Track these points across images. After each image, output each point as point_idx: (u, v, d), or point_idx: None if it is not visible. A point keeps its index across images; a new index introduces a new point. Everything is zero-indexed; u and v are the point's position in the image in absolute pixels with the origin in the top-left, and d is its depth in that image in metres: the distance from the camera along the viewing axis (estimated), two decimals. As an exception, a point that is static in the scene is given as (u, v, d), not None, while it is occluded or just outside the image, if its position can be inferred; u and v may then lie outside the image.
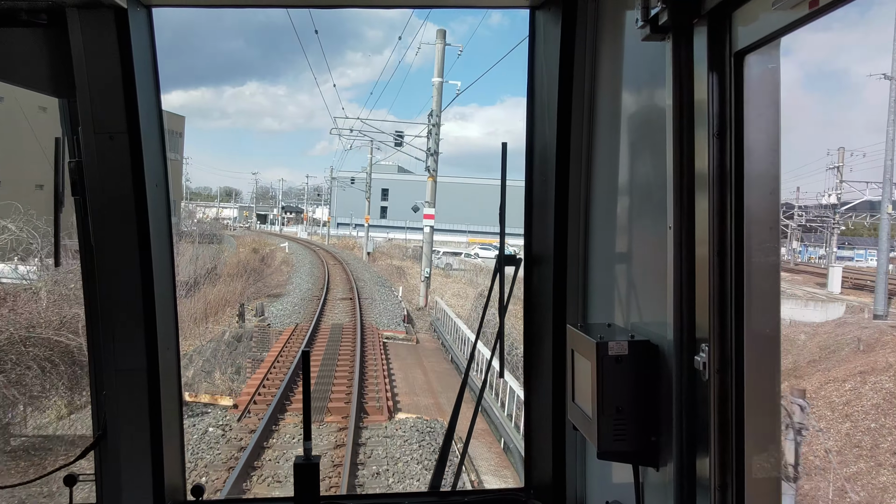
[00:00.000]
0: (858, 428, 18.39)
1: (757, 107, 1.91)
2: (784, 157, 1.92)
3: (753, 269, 1.94)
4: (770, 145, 1.93)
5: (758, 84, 1.90)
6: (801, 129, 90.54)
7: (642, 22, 2.08)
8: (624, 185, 2.64)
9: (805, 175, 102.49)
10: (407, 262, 61.25)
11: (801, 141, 76.31)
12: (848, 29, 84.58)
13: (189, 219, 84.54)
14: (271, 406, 14.51)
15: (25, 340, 15.54)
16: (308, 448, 2.82)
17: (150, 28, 2.84)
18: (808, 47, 75.75)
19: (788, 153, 11.56)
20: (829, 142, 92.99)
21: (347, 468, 11.35)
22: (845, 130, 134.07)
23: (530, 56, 3.15)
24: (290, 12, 24.32)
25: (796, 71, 59.08)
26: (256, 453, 12.20)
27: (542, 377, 3.14)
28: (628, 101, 2.60)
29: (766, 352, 1.99)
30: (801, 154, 61.57)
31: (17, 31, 2.66)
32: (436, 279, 42.52)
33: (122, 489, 2.95)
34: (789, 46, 8.21)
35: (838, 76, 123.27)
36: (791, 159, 45.83)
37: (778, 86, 1.91)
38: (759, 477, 1.98)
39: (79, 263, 2.96)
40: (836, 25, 71.86)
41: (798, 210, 59.34)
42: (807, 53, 79.14)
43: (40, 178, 22.48)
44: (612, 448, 2.29)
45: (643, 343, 2.29)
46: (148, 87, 2.81)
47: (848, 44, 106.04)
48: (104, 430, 2.94)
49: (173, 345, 3.08)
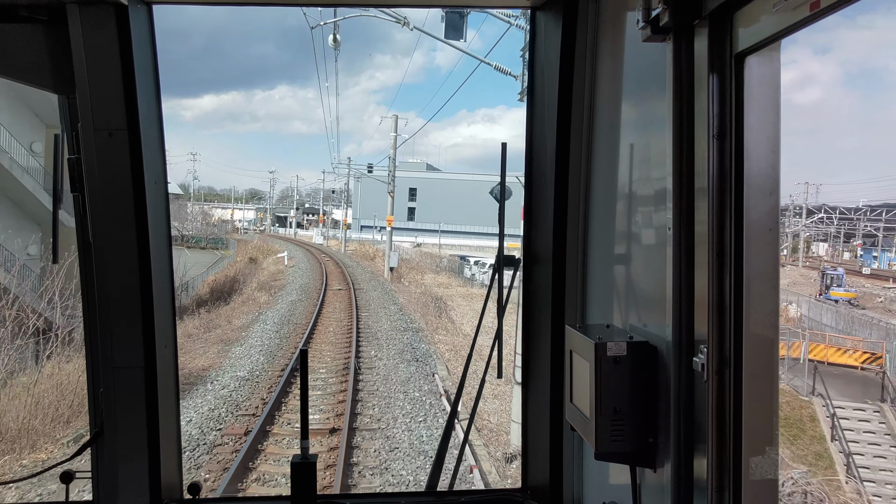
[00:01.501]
0: None
1: (757, 109, 1.91)
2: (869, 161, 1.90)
3: (753, 271, 1.94)
4: (770, 147, 1.92)
5: (758, 86, 1.90)
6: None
7: (643, 23, 2.08)
8: (623, 187, 2.64)
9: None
10: (442, 279, 47.67)
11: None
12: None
13: (191, 221, 79.84)
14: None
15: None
16: (305, 447, 2.82)
17: (150, 24, 2.84)
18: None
19: (871, 159, 10.86)
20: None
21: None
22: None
23: (531, 56, 3.15)
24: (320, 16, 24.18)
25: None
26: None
27: (539, 378, 3.14)
28: (628, 102, 2.60)
29: (765, 354, 1.99)
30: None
31: (17, 27, 2.66)
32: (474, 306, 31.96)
33: (119, 486, 2.95)
34: (830, 44, 7.76)
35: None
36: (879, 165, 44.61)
37: (779, 87, 1.91)
38: (756, 479, 1.98)
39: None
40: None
41: (861, 213, 58.56)
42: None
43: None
44: (610, 449, 2.29)
45: (642, 344, 2.29)
46: (148, 84, 2.81)
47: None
48: (101, 427, 2.93)
49: (171, 342, 3.07)
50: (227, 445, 12.65)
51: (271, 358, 19.71)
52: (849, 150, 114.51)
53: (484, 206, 70.34)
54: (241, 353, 20.53)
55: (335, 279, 42.22)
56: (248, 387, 16.61)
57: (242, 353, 20.53)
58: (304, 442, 2.83)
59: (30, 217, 26.66)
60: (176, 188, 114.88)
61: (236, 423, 13.82)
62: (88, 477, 3.04)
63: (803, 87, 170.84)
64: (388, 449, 12.68)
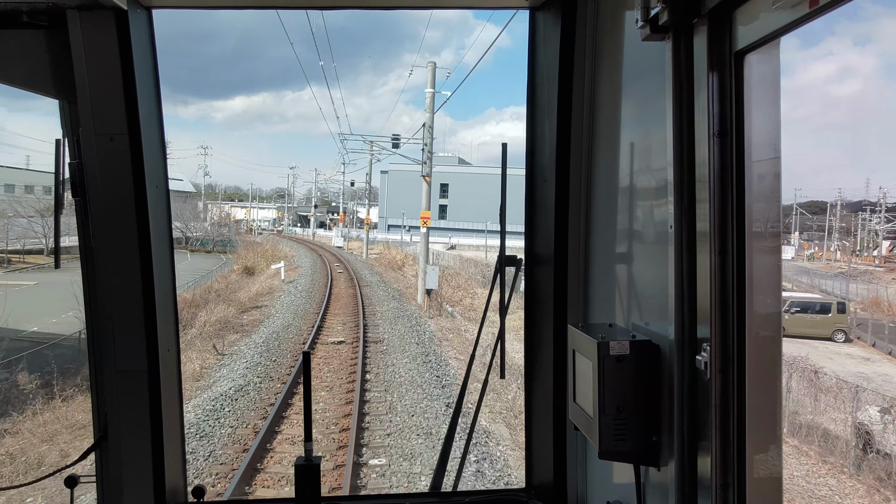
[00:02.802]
0: None
1: (757, 106, 1.91)
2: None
3: (755, 269, 1.94)
4: (771, 144, 1.93)
5: (759, 83, 1.91)
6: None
7: (642, 22, 2.08)
8: (624, 186, 2.64)
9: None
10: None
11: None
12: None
13: (199, 221, 67.96)
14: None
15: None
16: (309, 449, 2.82)
17: (150, 29, 2.84)
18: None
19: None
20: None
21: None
22: None
23: (530, 57, 3.15)
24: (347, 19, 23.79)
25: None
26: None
27: (542, 377, 3.14)
28: (628, 101, 2.60)
29: (768, 351, 1.99)
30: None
31: (18, 33, 2.66)
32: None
33: (123, 490, 2.95)
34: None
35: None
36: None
37: (778, 85, 1.91)
38: (760, 476, 1.98)
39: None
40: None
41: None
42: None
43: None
44: (614, 448, 2.29)
45: (644, 343, 2.29)
46: (148, 89, 2.82)
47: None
48: (105, 431, 2.94)
49: (174, 346, 3.08)
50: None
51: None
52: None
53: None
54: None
55: (341, 309, 27.82)
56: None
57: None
58: (307, 444, 2.83)
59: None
60: (189, 185, 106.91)
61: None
62: (93, 481, 3.05)
63: (844, 80, 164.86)
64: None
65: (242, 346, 21.15)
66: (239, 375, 17.13)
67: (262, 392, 15.72)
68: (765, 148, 1.92)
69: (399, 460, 11.71)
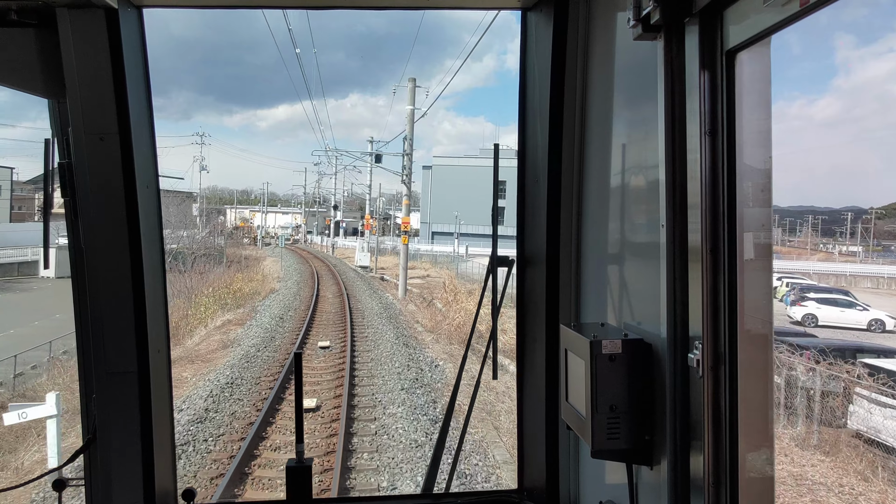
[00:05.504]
0: None
1: (749, 105, 1.92)
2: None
3: (746, 267, 1.95)
4: (762, 143, 1.94)
5: (749, 82, 1.91)
6: None
7: (634, 21, 2.09)
8: (616, 185, 2.65)
9: None
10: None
11: None
12: None
13: (183, 227, 50.41)
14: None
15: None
16: (300, 451, 2.81)
17: (140, 28, 2.83)
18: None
19: None
20: None
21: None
22: None
23: (522, 57, 3.16)
24: (393, 22, 23.26)
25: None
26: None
27: (535, 377, 3.14)
28: (620, 101, 2.61)
29: (760, 349, 1.99)
30: None
31: (7, 32, 2.64)
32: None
33: (112, 494, 2.92)
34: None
35: None
36: None
37: (769, 83, 1.92)
38: (752, 474, 1.98)
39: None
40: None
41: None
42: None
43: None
44: (606, 447, 2.29)
45: (637, 341, 2.29)
46: (139, 88, 2.80)
47: None
48: (94, 433, 2.91)
49: (164, 347, 3.05)
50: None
51: None
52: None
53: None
54: None
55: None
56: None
57: None
58: (298, 446, 2.82)
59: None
60: (193, 185, 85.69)
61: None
62: (81, 484, 3.02)
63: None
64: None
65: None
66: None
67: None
68: (756, 146, 1.93)
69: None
